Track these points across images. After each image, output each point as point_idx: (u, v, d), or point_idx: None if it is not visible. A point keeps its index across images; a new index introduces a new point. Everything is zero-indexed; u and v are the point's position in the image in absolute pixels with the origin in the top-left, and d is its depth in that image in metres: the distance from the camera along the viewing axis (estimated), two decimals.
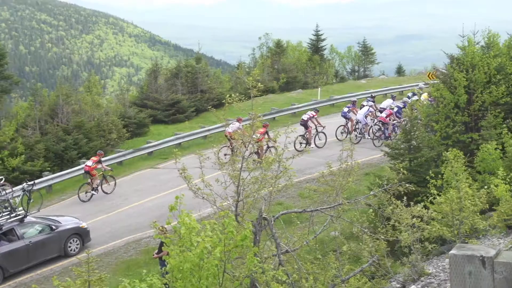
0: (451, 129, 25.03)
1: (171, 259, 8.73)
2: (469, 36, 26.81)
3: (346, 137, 35.77)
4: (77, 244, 25.07)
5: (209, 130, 40.17)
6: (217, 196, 14.54)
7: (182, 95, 48.94)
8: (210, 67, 64.47)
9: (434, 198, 16.33)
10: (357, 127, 36.98)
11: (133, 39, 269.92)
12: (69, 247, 24.85)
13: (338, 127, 37.03)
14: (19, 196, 25.08)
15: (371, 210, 17.42)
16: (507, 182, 16.98)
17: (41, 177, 32.24)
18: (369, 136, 35.97)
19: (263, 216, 13.77)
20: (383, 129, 35.18)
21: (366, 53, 76.15)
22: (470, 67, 25.61)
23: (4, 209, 23.80)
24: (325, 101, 48.66)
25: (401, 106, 36.70)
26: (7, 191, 24.40)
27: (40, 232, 24.36)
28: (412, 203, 16.56)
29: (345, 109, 38.02)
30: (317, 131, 36.16)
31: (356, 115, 37.20)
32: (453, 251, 5.30)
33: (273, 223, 13.82)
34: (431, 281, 13.49)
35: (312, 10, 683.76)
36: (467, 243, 14.55)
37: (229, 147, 30.97)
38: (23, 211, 24.17)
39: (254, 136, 25.81)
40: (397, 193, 16.04)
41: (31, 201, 24.60)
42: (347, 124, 37.22)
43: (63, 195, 31.87)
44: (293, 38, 79.77)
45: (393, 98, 40.48)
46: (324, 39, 71.46)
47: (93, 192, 30.63)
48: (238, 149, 15.52)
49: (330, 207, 15.35)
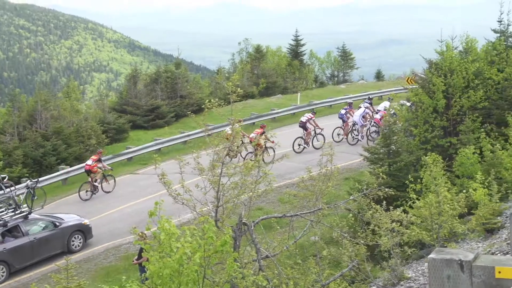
0: (429, 134, 25.16)
1: (151, 265, 8.70)
2: (448, 41, 27.00)
3: (342, 139, 36.03)
4: (80, 241, 25.42)
5: (188, 136, 40.09)
6: (197, 201, 14.51)
7: (162, 100, 48.84)
8: (189, 72, 64.41)
9: (413, 203, 16.42)
10: (354, 128, 37.22)
11: (112, 44, 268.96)
12: (72, 243, 25.18)
13: (335, 129, 37.43)
14: (22, 193, 25.62)
15: (350, 215, 17.46)
16: (485, 186, 17.11)
17: (20, 183, 31.99)
18: (365, 137, 36.22)
19: (243, 221, 13.76)
20: (378, 130, 35.29)
21: (345, 58, 76.40)
22: (449, 72, 25.76)
23: (8, 206, 24.20)
24: (304, 106, 48.69)
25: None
26: (11, 188, 24.87)
27: (44, 228, 24.69)
28: (391, 207, 16.60)
29: (342, 111, 38.35)
30: (315, 132, 36.57)
31: (352, 117, 37.40)
32: (432, 255, 5.32)
33: (253, 228, 13.82)
34: (410, 285, 13.56)
35: (293, 15, 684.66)
36: (446, 247, 14.62)
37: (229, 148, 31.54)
38: (27, 208, 24.54)
39: (252, 136, 25.90)
40: (376, 197, 16.09)
41: (35, 198, 25.04)
42: (344, 126, 37.42)
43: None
44: (272, 43, 79.84)
45: (389, 100, 40.65)
46: (303, 44, 71.65)
47: (94, 190, 31.13)
48: (235, 150, 15.50)
49: (310, 212, 15.36)
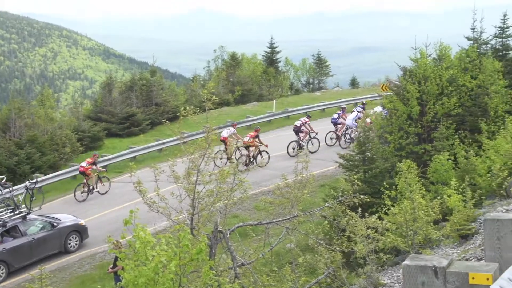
0: (404, 141, 25.29)
1: (126, 273, 8.66)
2: (422, 49, 27.19)
3: (335, 143, 36.25)
4: (76, 241, 25.94)
5: (164, 143, 39.98)
6: (172, 209, 14.47)
7: (137, 108, 48.68)
8: (165, 80, 64.25)
9: (389, 209, 16.48)
10: (346, 132, 37.45)
11: (87, 52, 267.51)
12: (69, 243, 25.68)
13: (328, 133, 37.75)
14: (21, 194, 26.22)
15: (326, 222, 17.51)
16: (459, 193, 17.21)
17: None
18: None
19: (218, 229, 13.75)
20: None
21: (320, 65, 76.57)
22: (423, 79, 25.93)
23: (7, 207, 24.74)
24: (280, 113, 48.77)
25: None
26: (10, 189, 25.49)
27: (42, 229, 25.20)
28: (367, 214, 16.66)
29: (335, 116, 38.68)
30: (310, 136, 36.85)
31: (345, 121, 37.59)
32: (406, 262, 5.34)
33: (228, 236, 13.81)
34: None
35: (268, 23, 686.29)
36: (421, 253, 14.69)
37: (224, 151, 32.82)
38: (25, 209, 24.97)
39: (245, 139, 25.98)
40: (352, 204, 16.14)
41: (33, 199, 25.46)
42: (336, 130, 37.62)
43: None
44: (248, 50, 79.87)
45: (382, 106, 40.84)
46: (279, 52, 71.75)
47: (89, 192, 31.65)
48: (231, 153, 15.47)
49: (285, 219, 15.38)
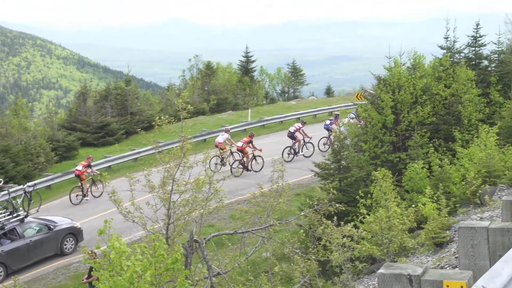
0: (379, 149, 25.43)
1: (101, 284, 8.62)
2: (396, 58, 27.37)
3: (328, 148, 36.52)
4: (72, 243, 26.26)
5: (139, 153, 39.85)
6: (147, 219, 14.42)
7: (112, 117, 48.47)
8: (140, 89, 64.09)
9: (364, 218, 16.54)
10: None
11: (61, 61, 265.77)
12: (65, 246, 26.03)
13: (321, 139, 38.40)
14: (19, 197, 26.49)
15: (302, 231, 17.54)
16: (434, 201, 17.31)
17: None
18: None
19: (194, 238, 13.72)
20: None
21: (295, 74, 76.66)
22: (397, 87, 26.10)
23: (5, 210, 25.19)
24: (255, 122, 48.83)
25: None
26: (9, 191, 26.36)
27: (39, 231, 25.64)
28: (342, 222, 16.71)
29: (328, 122, 39.08)
30: (304, 142, 37.54)
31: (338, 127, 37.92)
32: (381, 270, 5.35)
33: (204, 245, 13.78)
34: None
35: (243, 32, 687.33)
36: (396, 261, 14.74)
37: (219, 156, 33.76)
38: (23, 211, 25.46)
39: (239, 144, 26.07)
40: (327, 213, 16.19)
41: (31, 202, 25.91)
42: (329, 136, 37.85)
43: None
44: (223, 59, 79.91)
45: (354, 114, 41.11)
46: (254, 61, 71.77)
47: (83, 196, 31.76)
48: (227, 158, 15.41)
49: (261, 228, 15.39)
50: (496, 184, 18.91)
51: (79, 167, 32.17)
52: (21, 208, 25.47)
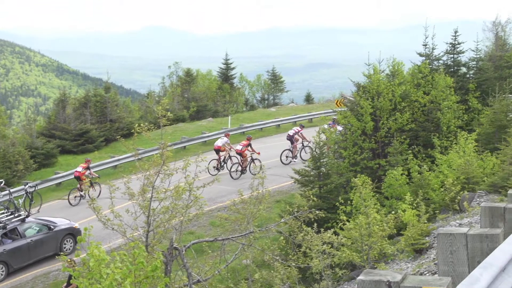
0: (359, 156, 25.50)
1: None
2: (375, 64, 27.50)
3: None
4: (71, 244, 26.56)
5: (119, 160, 39.70)
6: (127, 226, 14.37)
7: (91, 124, 48.28)
8: (119, 96, 63.75)
9: (344, 224, 16.57)
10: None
11: (40, 68, 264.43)
12: (64, 246, 26.30)
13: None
14: (20, 197, 27.25)
15: (282, 238, 17.54)
16: (413, 207, 17.38)
17: None
18: None
19: (174, 245, 13.68)
20: None
21: (275, 81, 76.75)
22: (376, 94, 26.22)
23: (6, 210, 25.64)
24: (235, 129, 48.76)
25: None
26: (9, 191, 26.96)
27: (39, 231, 26.02)
28: (322, 229, 16.74)
29: (325, 126, 38.85)
30: (303, 145, 37.54)
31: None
32: (360, 277, 5.36)
33: (184, 252, 13.75)
34: None
35: (222, 39, 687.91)
36: (376, 268, 14.78)
37: (218, 160, 34.09)
38: (24, 212, 25.97)
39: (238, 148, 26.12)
40: (307, 220, 16.20)
41: (32, 202, 26.66)
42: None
43: None
44: (203, 66, 79.86)
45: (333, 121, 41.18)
46: (233, 68, 71.80)
47: (81, 196, 31.75)
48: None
49: (241, 235, 15.38)
50: (474, 191, 19.02)
51: (78, 169, 32.61)
52: (22, 208, 26.05)
